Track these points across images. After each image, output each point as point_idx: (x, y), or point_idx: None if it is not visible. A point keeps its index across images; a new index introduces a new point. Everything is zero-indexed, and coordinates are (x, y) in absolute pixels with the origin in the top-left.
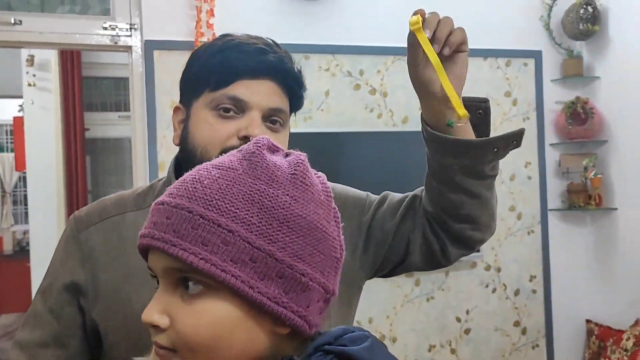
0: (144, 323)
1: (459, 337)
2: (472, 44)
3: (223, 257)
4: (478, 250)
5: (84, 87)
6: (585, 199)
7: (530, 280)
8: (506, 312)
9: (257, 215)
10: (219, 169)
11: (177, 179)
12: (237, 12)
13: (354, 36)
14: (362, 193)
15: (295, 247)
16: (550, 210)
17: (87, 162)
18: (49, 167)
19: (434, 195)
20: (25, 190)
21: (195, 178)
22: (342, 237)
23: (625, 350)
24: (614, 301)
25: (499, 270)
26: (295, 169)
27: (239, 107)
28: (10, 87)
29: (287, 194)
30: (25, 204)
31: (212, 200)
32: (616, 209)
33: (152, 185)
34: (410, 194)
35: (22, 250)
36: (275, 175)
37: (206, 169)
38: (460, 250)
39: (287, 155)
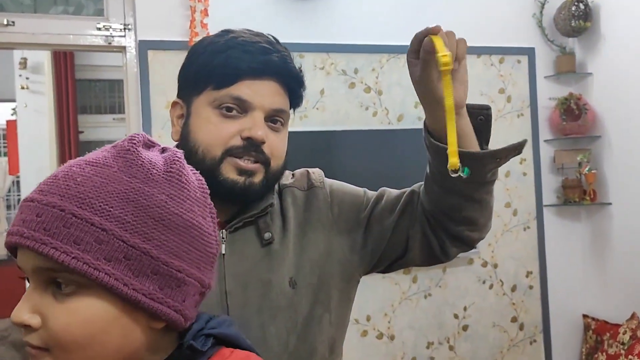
0: (13, 323)
1: (457, 334)
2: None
3: (96, 255)
4: (475, 247)
5: (78, 90)
6: (580, 194)
7: (527, 276)
8: (503, 308)
9: (132, 214)
10: (93, 165)
11: None
12: (231, 12)
13: (348, 35)
14: (359, 189)
15: (171, 244)
16: (546, 206)
17: None
18: (42, 170)
19: (434, 197)
20: (19, 195)
21: (67, 175)
22: (217, 232)
23: (622, 343)
24: (610, 295)
25: (495, 266)
26: (171, 167)
27: (242, 107)
28: (3, 90)
29: (163, 192)
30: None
31: (85, 199)
32: (610, 203)
33: None
34: (408, 189)
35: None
36: (151, 174)
37: (79, 165)
38: (459, 248)
39: (163, 150)
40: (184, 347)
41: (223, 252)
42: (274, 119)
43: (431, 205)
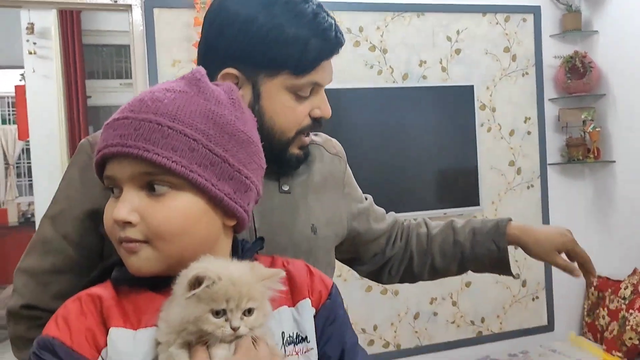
0: (115, 221)
1: (460, 290)
2: (472, 0)
3: (190, 160)
4: (478, 204)
5: (85, 55)
6: (584, 152)
7: None
8: None
9: (213, 129)
10: (172, 92)
11: None
12: None
13: None
14: (360, 194)
15: (241, 156)
16: (550, 164)
17: (90, 131)
18: (51, 135)
19: (449, 265)
20: (29, 162)
21: (153, 98)
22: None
23: (624, 298)
24: (613, 252)
25: None
26: (231, 95)
27: (315, 89)
28: (10, 57)
29: (231, 114)
30: (29, 176)
31: (175, 115)
32: (614, 161)
33: None
34: (399, 220)
35: (27, 222)
36: (220, 98)
37: (159, 91)
38: (403, 282)
39: (216, 85)
40: (239, 242)
41: None
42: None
43: (419, 260)
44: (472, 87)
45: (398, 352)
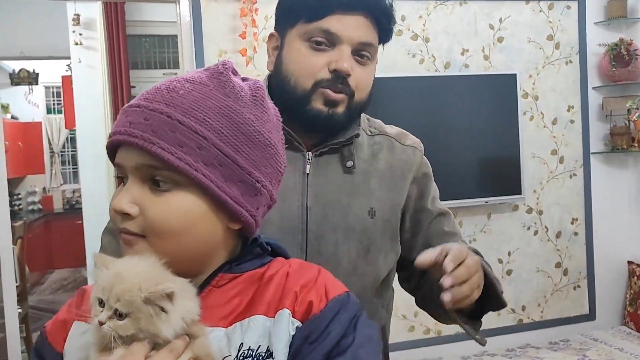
0: (114, 210)
1: (500, 278)
2: None
3: (196, 158)
4: (520, 193)
5: (129, 45)
6: (628, 141)
7: (572, 223)
8: (548, 254)
9: (227, 127)
10: (191, 82)
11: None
12: None
13: None
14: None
15: (254, 158)
16: (593, 153)
17: None
18: (97, 124)
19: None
20: (74, 151)
21: (170, 88)
22: (285, 155)
23: None
24: None
25: (540, 213)
26: (255, 92)
27: (331, 41)
28: (57, 48)
29: (251, 112)
30: (73, 164)
31: (188, 109)
32: None
33: None
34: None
35: (72, 209)
36: (241, 95)
37: (178, 81)
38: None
39: (243, 79)
40: (249, 247)
41: (307, 171)
42: (361, 53)
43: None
44: (514, 75)
45: (439, 338)
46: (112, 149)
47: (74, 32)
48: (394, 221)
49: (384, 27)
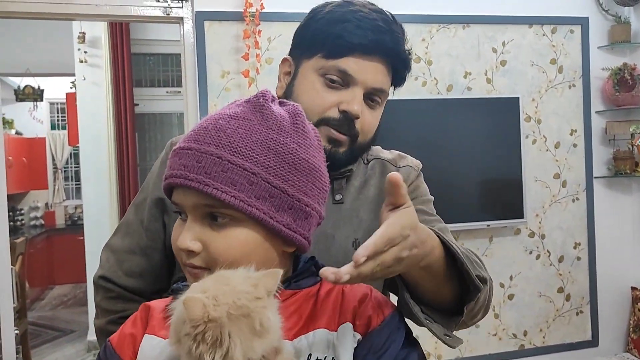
0: (179, 249)
1: (502, 302)
2: (518, 11)
3: (248, 194)
4: (522, 217)
5: (133, 63)
6: (632, 165)
7: (575, 248)
8: (550, 279)
9: (273, 160)
10: (235, 119)
11: None
12: None
13: (398, 4)
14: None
15: (301, 184)
16: (596, 177)
17: (137, 137)
18: (100, 142)
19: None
20: (77, 167)
21: (217, 127)
22: (327, 171)
23: None
24: None
25: (543, 237)
26: (296, 119)
27: (345, 81)
28: (63, 64)
29: (293, 141)
30: (76, 180)
31: (236, 148)
32: None
33: None
34: None
35: (73, 224)
36: (283, 125)
37: (223, 119)
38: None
39: (281, 104)
40: (306, 264)
41: None
42: (373, 97)
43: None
44: (517, 98)
45: None
46: (169, 189)
47: (79, 49)
48: None
49: (399, 73)
